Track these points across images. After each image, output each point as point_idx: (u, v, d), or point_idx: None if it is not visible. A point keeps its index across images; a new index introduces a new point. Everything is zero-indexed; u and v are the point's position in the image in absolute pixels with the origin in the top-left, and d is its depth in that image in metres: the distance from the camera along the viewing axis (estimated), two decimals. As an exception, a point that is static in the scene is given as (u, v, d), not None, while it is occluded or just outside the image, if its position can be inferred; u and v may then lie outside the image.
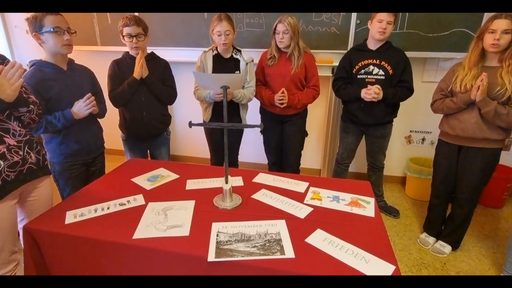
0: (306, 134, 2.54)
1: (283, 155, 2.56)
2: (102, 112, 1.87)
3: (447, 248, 2.16)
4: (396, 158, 3.10)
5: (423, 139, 3.00)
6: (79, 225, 1.18)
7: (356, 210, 1.27)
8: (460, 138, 1.95)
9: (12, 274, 1.32)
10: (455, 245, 2.19)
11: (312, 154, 3.32)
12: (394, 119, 2.42)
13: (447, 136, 2.05)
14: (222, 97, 2.10)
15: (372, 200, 1.35)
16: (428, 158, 2.96)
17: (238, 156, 2.60)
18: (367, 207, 1.29)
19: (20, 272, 1.35)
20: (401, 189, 3.11)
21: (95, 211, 1.27)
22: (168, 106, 2.23)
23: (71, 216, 1.23)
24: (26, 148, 1.28)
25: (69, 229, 1.15)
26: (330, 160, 3.10)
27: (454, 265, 2.06)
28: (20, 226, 1.37)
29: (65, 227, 1.17)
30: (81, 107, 1.63)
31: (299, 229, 1.14)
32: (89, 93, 1.64)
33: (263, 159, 2.71)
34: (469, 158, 1.96)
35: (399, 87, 2.23)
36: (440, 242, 2.21)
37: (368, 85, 2.16)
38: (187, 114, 3.49)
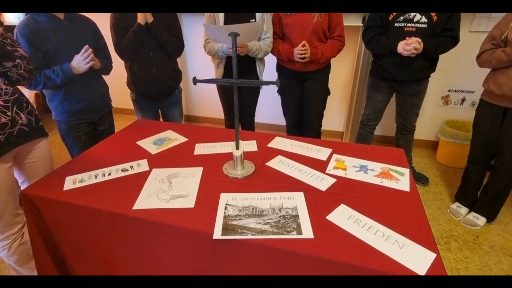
0: (328, 92, 2.29)
1: (303, 117, 2.35)
2: (107, 67, 1.73)
3: (481, 220, 1.98)
4: (428, 120, 2.81)
5: (463, 100, 2.67)
6: (77, 192, 1.09)
7: (387, 183, 1.09)
8: (508, 98, 1.66)
9: (20, 236, 1.30)
10: (490, 217, 2.00)
11: (334, 115, 3.09)
12: (432, 75, 2.11)
13: (491, 95, 1.76)
14: (237, 51, 1.90)
15: (406, 171, 1.15)
16: (466, 121, 2.65)
17: (255, 117, 2.42)
18: (401, 180, 1.10)
19: (27, 233, 1.32)
20: (431, 154, 2.86)
21: (95, 177, 1.17)
22: (180, 63, 2.06)
23: (70, 182, 1.14)
24: (14, 108, 1.16)
25: (67, 196, 1.06)
26: (355, 121, 2.86)
27: (487, 239, 1.89)
28: (22, 189, 1.32)
29: (63, 193, 1.08)
30: (80, 61, 1.49)
31: (319, 203, 0.99)
32: (87, 46, 1.47)
33: (281, 120, 2.52)
34: None
35: (442, 36, 1.90)
36: (474, 213, 2.02)
37: (407, 37, 1.84)
38: (201, 71, 3.28)
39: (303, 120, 2.36)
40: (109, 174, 1.18)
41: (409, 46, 1.80)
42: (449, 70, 2.56)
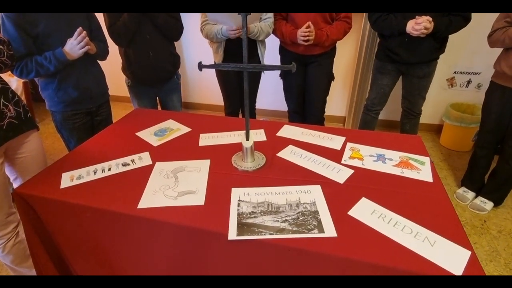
0: (332, 77, 2.20)
1: (306, 102, 2.26)
2: (103, 52, 1.61)
3: (488, 205, 1.96)
4: (432, 103, 2.75)
5: (469, 82, 2.60)
6: (76, 189, 1.00)
7: (408, 173, 1.03)
8: None
9: (14, 235, 1.23)
10: (497, 202, 1.98)
11: (336, 100, 3.00)
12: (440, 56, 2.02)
13: (503, 77, 1.69)
14: (238, 33, 1.79)
15: (427, 160, 1.09)
16: (471, 103, 2.60)
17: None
18: (422, 169, 1.04)
19: (22, 231, 1.26)
20: (435, 138, 2.83)
21: (95, 172, 1.08)
22: (176, 47, 1.93)
23: (67, 179, 1.05)
24: (2, 99, 1.06)
25: (64, 195, 0.98)
26: (357, 106, 2.79)
27: (495, 223, 1.87)
28: (15, 186, 1.24)
29: (60, 192, 0.99)
30: (74, 45, 1.37)
31: (338, 197, 0.92)
32: (80, 28, 1.35)
33: (282, 105, 2.44)
34: None
35: (452, 15, 1.80)
36: (481, 198, 2.00)
37: (416, 15, 1.74)
38: (198, 55, 3.15)
39: (306, 105, 2.28)
40: (109, 169, 1.10)
41: (419, 25, 1.71)
42: (455, 51, 2.48)
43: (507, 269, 1.59)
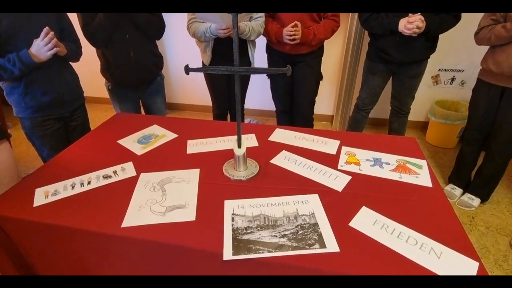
0: (321, 77, 2.16)
1: (294, 102, 2.22)
2: (75, 53, 1.49)
3: (475, 201, 1.98)
4: (418, 101, 2.72)
5: (453, 79, 2.63)
6: (51, 208, 0.91)
7: (406, 178, 0.99)
8: (506, 77, 1.61)
9: None
10: (484, 198, 2.01)
11: (324, 99, 2.98)
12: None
13: (489, 75, 1.70)
14: (228, 32, 1.70)
15: (424, 163, 1.07)
16: (455, 100, 2.64)
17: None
18: (420, 174, 1.01)
19: None
20: (420, 135, 2.85)
21: (72, 187, 0.99)
22: (159, 46, 1.83)
23: (41, 195, 0.96)
24: None
25: (38, 215, 0.88)
26: (345, 105, 2.77)
27: (483, 219, 1.90)
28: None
29: (33, 211, 0.90)
30: (40, 47, 1.24)
31: (338, 207, 0.88)
32: (47, 28, 1.23)
33: (270, 105, 2.38)
34: None
35: (443, 13, 1.79)
36: (468, 194, 2.02)
37: (409, 14, 1.72)
38: (182, 54, 3.04)
39: (293, 105, 2.23)
40: (89, 183, 1.00)
41: (411, 24, 1.68)
42: (439, 48, 2.47)
43: (496, 265, 1.61)
